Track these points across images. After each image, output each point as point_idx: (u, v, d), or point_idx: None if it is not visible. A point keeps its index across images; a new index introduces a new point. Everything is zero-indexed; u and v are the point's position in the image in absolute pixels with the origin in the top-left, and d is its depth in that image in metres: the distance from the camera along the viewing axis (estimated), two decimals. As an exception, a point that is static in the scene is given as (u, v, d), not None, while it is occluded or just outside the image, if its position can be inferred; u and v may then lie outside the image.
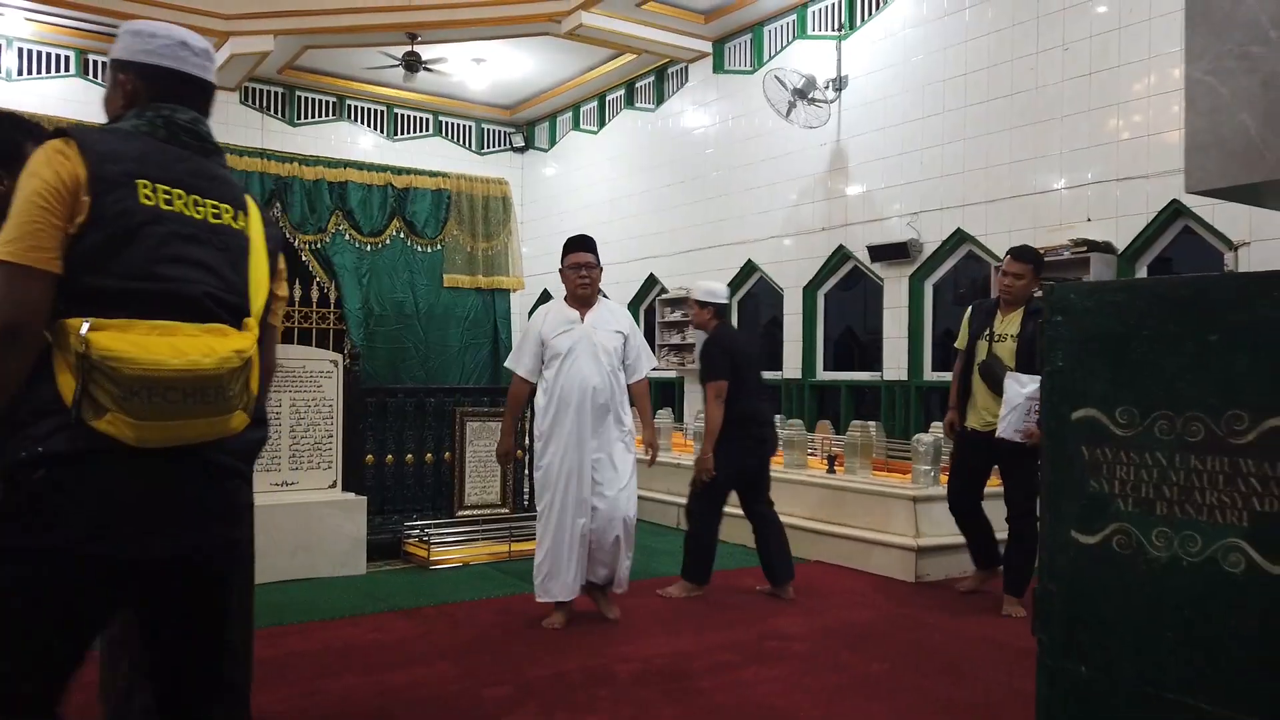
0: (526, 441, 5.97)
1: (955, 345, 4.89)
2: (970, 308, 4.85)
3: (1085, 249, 5.90)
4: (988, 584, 4.84)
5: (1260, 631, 1.65)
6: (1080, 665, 1.91)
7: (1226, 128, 1.71)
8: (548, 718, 3.09)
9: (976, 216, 6.81)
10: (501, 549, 5.67)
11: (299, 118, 10.96)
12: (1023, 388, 4.26)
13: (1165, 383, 1.78)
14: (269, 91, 10.77)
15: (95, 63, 9.84)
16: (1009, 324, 4.56)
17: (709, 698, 3.29)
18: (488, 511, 5.98)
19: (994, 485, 4.77)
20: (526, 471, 6.19)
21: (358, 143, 11.22)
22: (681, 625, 4.27)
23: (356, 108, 11.31)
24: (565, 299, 4.27)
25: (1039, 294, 4.55)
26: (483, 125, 12.18)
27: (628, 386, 4.28)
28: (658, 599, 4.72)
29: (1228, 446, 1.70)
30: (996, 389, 4.45)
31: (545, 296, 11.58)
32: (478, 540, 5.70)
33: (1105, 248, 5.91)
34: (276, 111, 10.82)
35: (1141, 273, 5.99)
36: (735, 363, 4.75)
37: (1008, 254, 4.64)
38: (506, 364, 4.19)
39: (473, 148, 12.10)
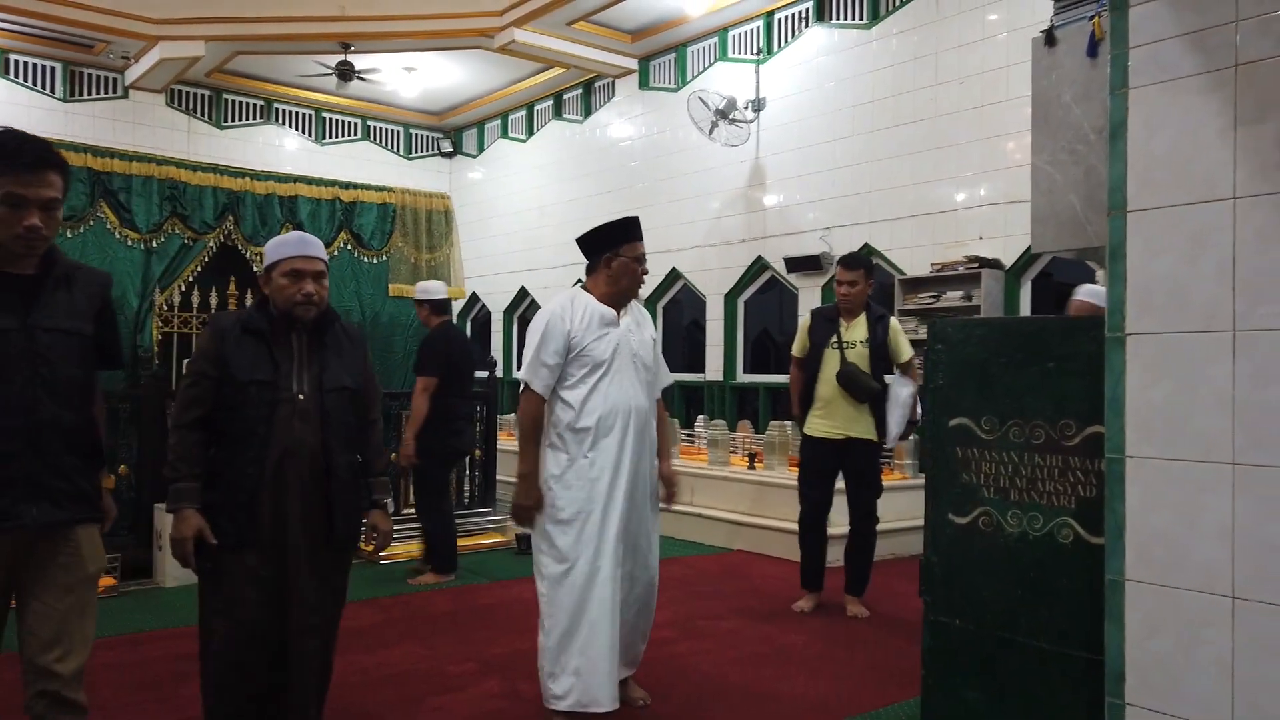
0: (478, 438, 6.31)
1: (794, 353, 4.82)
2: (809, 316, 4.81)
3: (977, 265, 6.56)
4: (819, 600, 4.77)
5: (1084, 587, 2.19)
6: (955, 619, 2.44)
7: (1060, 205, 2.25)
8: (511, 688, 3.51)
9: (883, 232, 7.44)
10: (446, 544, 6.00)
11: (226, 120, 10.99)
12: (903, 389, 4.56)
13: (1016, 398, 2.31)
14: (195, 94, 10.78)
15: (15, 63, 9.72)
16: (855, 331, 4.56)
17: (650, 668, 3.74)
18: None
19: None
20: (468, 473, 6.54)
21: (284, 146, 11.31)
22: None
23: (284, 111, 11.39)
24: (594, 293, 3.18)
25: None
26: (412, 131, 12.38)
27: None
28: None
29: (1061, 447, 2.24)
30: (860, 396, 4.45)
31: (474, 300, 11.88)
32: (423, 537, 6.02)
33: (995, 264, 6.58)
34: (203, 114, 10.84)
35: (1026, 287, 6.68)
36: (449, 362, 5.11)
37: (839, 263, 4.65)
38: (521, 375, 3.08)
39: (401, 152, 12.29)
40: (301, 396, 2.46)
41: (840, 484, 4.69)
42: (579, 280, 10.98)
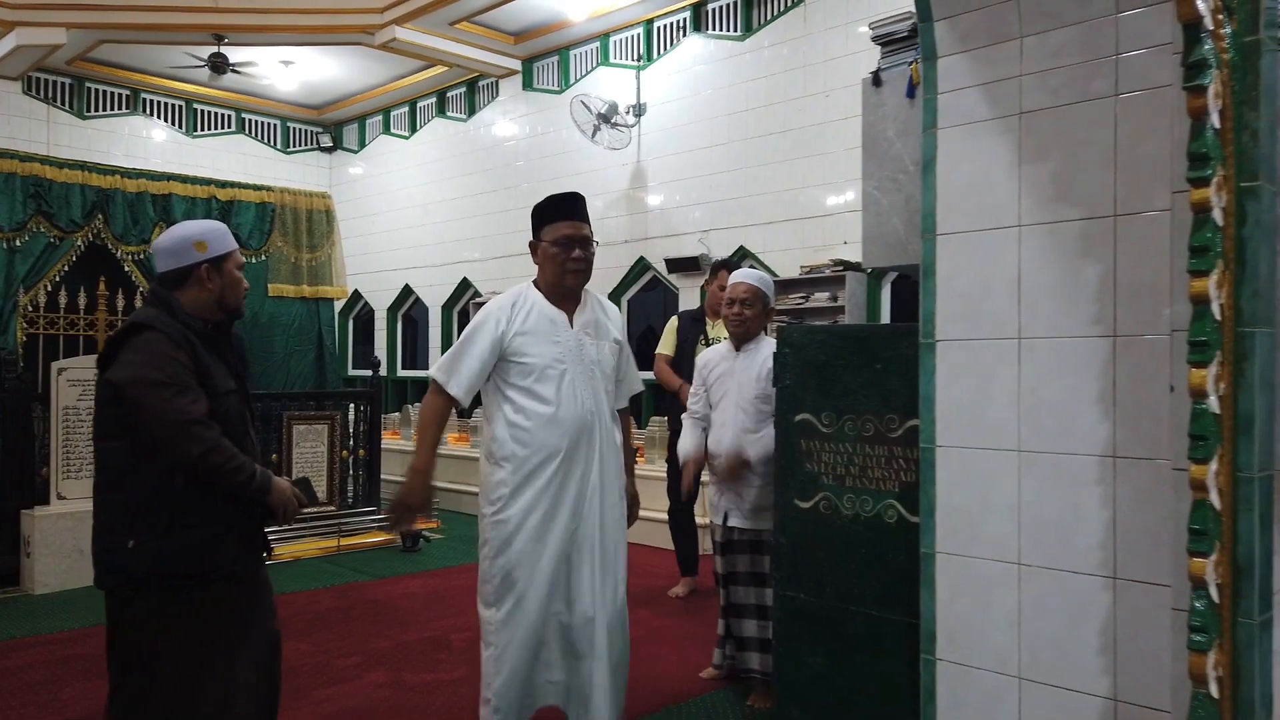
0: (353, 437, 6.35)
1: (661, 352, 5.15)
2: (676, 318, 5.16)
3: (842, 268, 7.00)
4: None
5: (906, 560, 2.50)
6: (800, 592, 2.73)
7: (886, 227, 2.56)
8: (396, 676, 3.65)
9: (757, 235, 7.82)
10: (331, 543, 6.06)
11: (89, 110, 10.54)
12: None
13: (851, 396, 2.62)
14: (56, 82, 10.29)
15: None
16: (720, 329, 4.80)
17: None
18: (314, 510, 6.33)
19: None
20: (352, 472, 6.58)
21: (153, 137, 10.92)
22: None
23: (152, 102, 10.99)
24: (541, 288, 2.83)
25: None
26: (289, 124, 12.13)
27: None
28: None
29: (887, 439, 2.55)
30: None
31: (356, 298, 11.75)
32: (306, 536, 6.06)
33: (858, 267, 7.03)
34: (64, 103, 10.36)
35: (887, 289, 7.16)
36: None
37: (714, 267, 5.00)
38: (432, 373, 2.73)
39: (279, 146, 12.03)
40: (247, 408, 2.31)
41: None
42: (464, 278, 11.02)
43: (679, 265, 8.24)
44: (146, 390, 2.03)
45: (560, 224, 2.81)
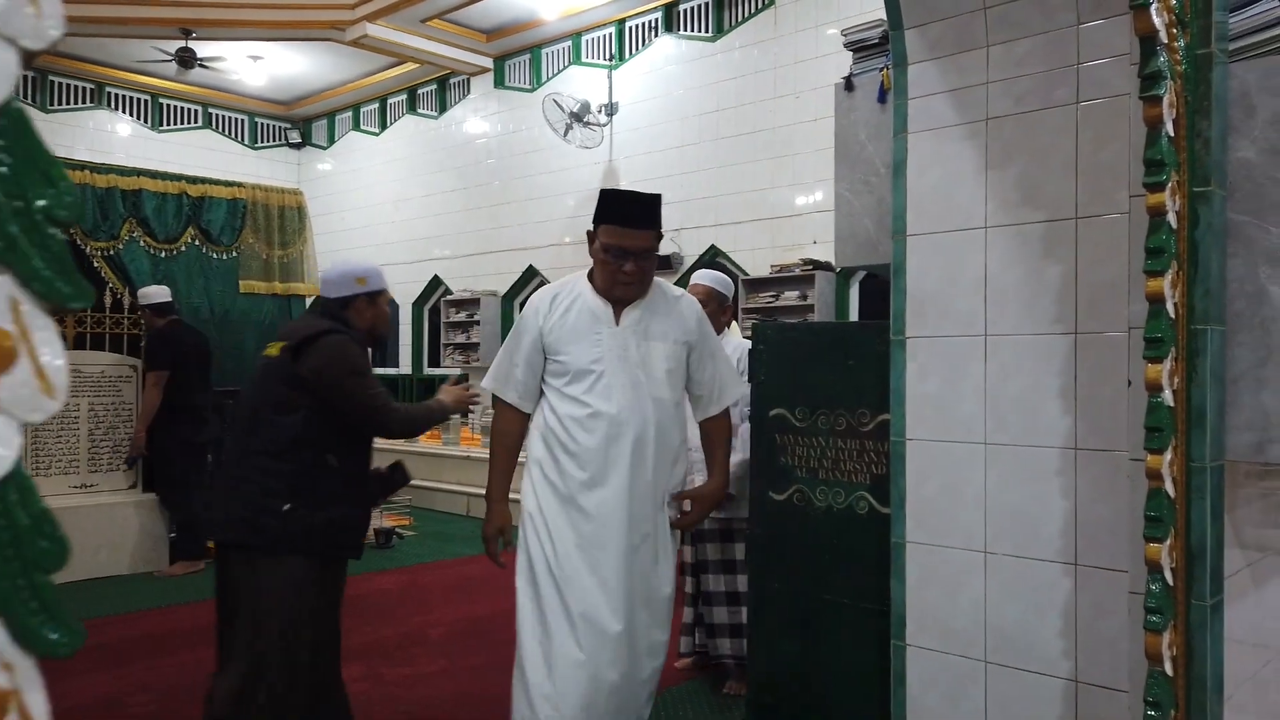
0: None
1: None
2: None
3: (811, 267, 7.10)
4: None
5: (876, 550, 2.59)
6: (775, 582, 2.80)
7: (858, 227, 2.64)
8: (373, 670, 3.68)
9: (728, 235, 7.91)
10: (303, 540, 6.05)
11: (52, 103, 10.39)
12: None
13: (824, 391, 2.69)
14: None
15: None
16: None
17: (510, 648, 4.00)
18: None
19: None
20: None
21: (117, 132, 10.78)
22: (475, 595, 4.93)
23: (117, 95, 10.84)
24: (593, 280, 2.49)
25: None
26: (257, 120, 12.03)
27: (700, 424, 2.64)
28: (453, 574, 5.35)
29: (859, 433, 2.63)
30: None
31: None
32: (279, 533, 6.04)
33: (827, 266, 7.14)
34: (26, 96, 10.20)
35: (855, 288, 7.27)
36: (178, 358, 5.36)
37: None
38: (484, 384, 2.53)
39: (246, 142, 11.93)
40: None
41: None
42: (435, 275, 11.02)
43: (651, 264, 8.31)
44: (348, 379, 2.42)
45: (617, 230, 2.38)
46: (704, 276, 3.69)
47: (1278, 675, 2.45)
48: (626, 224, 2.38)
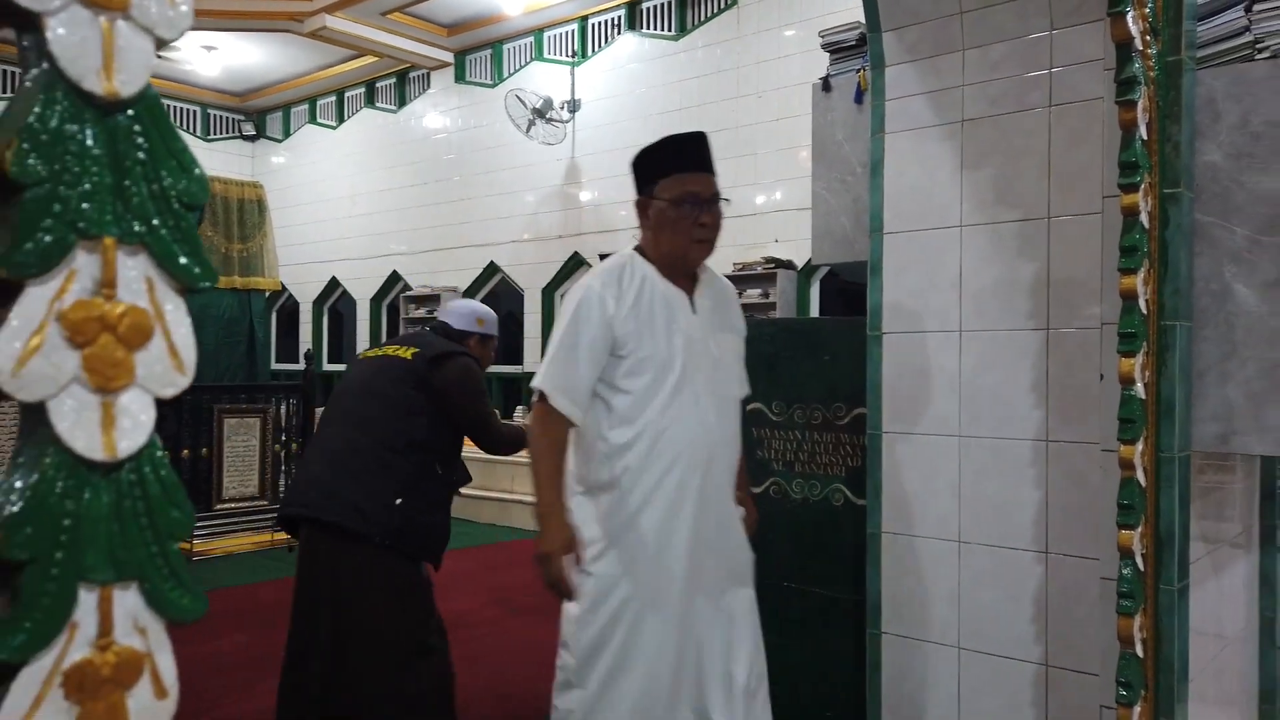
0: (285, 431, 6.27)
1: None
2: None
3: (774, 265, 7.18)
4: None
5: (852, 540, 2.64)
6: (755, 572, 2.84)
7: (834, 225, 2.69)
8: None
9: (690, 232, 7.95)
10: (265, 538, 5.97)
11: (-4, 91, 10.08)
12: None
13: (799, 386, 2.74)
14: (-41, 61, 9.81)
15: None
16: None
17: (485, 641, 4.00)
18: (247, 504, 6.22)
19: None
20: (285, 466, 6.48)
21: (67, 122, 10.50)
22: (455, 592, 4.91)
23: (65, 84, 10.56)
24: (651, 258, 2.09)
25: None
26: (210, 111, 11.79)
27: None
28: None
29: (834, 426, 2.68)
30: None
31: (280, 289, 11.51)
32: (240, 531, 5.96)
33: (789, 265, 7.22)
34: (-32, 83, 9.88)
35: (816, 286, 7.37)
36: None
37: None
38: (536, 383, 2.00)
39: (199, 134, 11.68)
40: None
41: None
42: (394, 271, 10.99)
43: (613, 261, 8.33)
44: (476, 397, 2.64)
45: (687, 177, 2.03)
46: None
47: (1234, 662, 2.56)
48: (698, 168, 2.06)
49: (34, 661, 0.39)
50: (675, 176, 2.04)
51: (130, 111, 0.41)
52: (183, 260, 0.40)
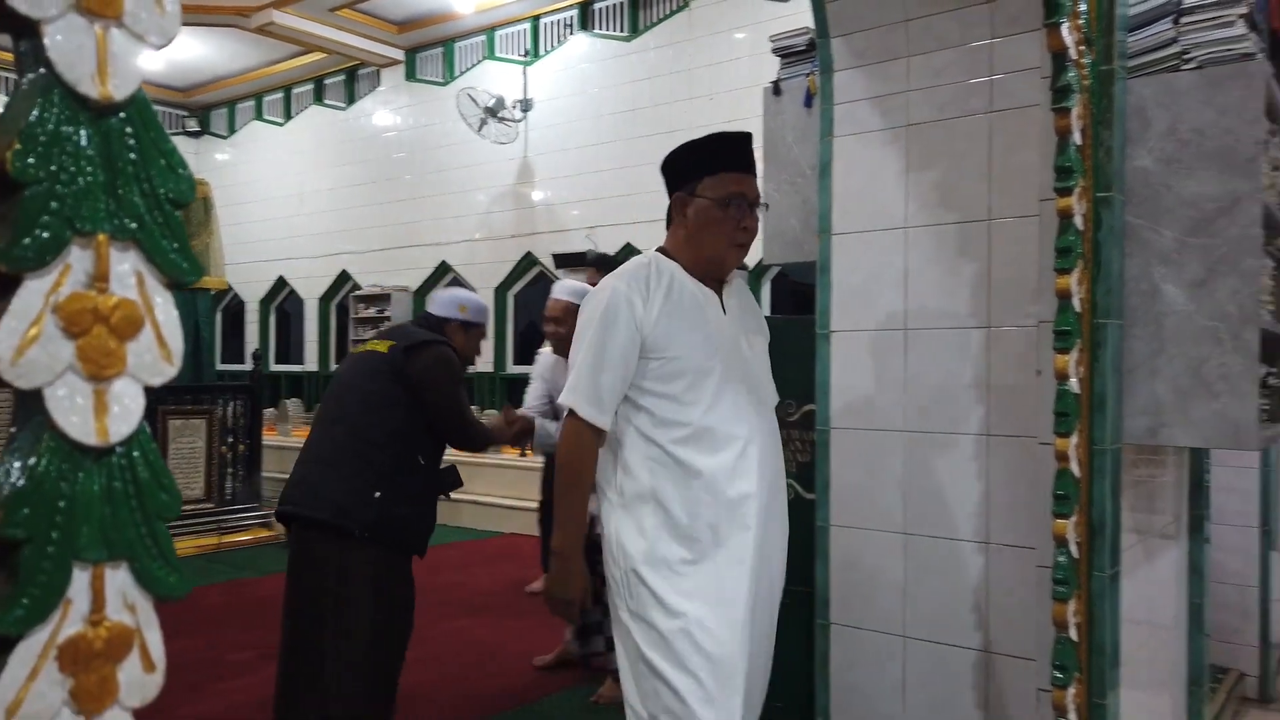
0: (233, 433, 6.17)
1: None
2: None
3: (725, 265, 7.26)
4: None
5: (801, 534, 2.70)
6: (704, 569, 2.89)
7: (784, 225, 2.75)
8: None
9: (644, 233, 8.00)
10: (211, 541, 5.88)
11: (-75, 82, 9.76)
12: None
13: (751, 383, 2.79)
14: (-114, 51, 9.48)
15: None
16: None
17: (438, 643, 3.99)
18: (192, 506, 6.11)
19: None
20: (232, 468, 6.38)
21: None
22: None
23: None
24: (679, 259, 1.98)
25: None
26: (153, 106, 11.52)
27: None
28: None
29: (785, 423, 2.74)
30: None
31: (227, 289, 11.30)
32: (183, 535, 5.85)
33: (740, 265, 7.30)
34: (-105, 74, 9.56)
35: (767, 286, 7.47)
36: None
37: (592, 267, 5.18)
38: (564, 400, 1.88)
39: (141, 129, 11.42)
40: None
41: None
42: (343, 270, 10.86)
43: (566, 260, 8.33)
44: (449, 385, 2.62)
45: (732, 176, 1.93)
46: (563, 291, 3.57)
47: (1164, 648, 2.67)
48: (744, 169, 1.96)
49: (31, 635, 0.41)
50: (722, 175, 1.92)
51: (122, 114, 0.43)
52: (171, 256, 0.43)
